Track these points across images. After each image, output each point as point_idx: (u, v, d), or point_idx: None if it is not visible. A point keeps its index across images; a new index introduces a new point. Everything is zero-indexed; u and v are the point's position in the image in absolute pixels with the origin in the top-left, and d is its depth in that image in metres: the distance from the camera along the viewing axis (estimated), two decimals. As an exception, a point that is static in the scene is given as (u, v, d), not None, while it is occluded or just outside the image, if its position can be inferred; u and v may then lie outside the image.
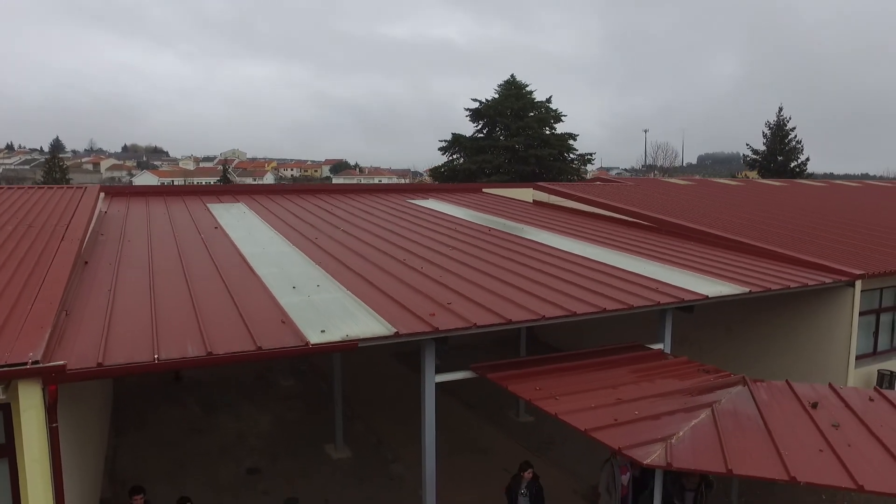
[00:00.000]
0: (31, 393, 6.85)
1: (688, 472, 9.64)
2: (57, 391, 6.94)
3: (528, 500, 9.66)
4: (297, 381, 18.23)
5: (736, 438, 7.19)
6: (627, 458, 6.81)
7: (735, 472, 6.43)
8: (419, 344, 9.32)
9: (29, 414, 6.88)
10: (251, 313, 9.05)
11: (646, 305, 10.30)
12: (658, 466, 6.60)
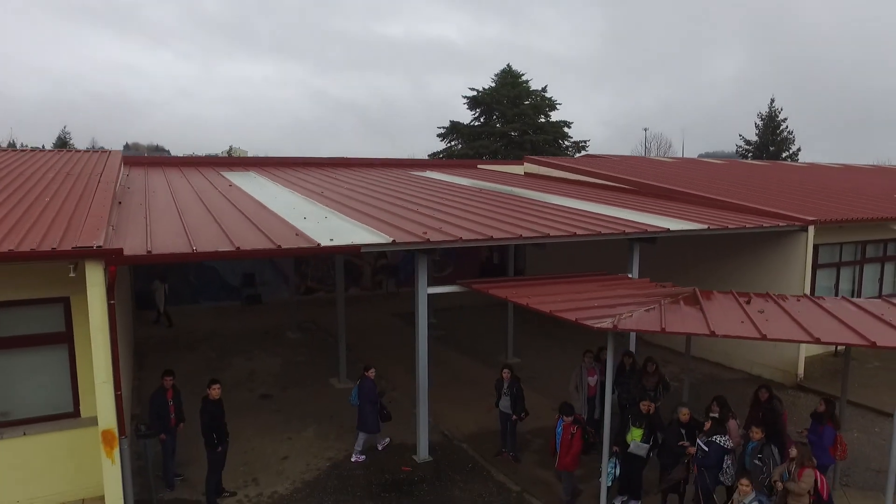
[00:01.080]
0: (96, 272, 8.37)
1: (646, 374, 11.19)
2: (115, 272, 8.47)
3: (509, 399, 11.14)
4: (304, 334, 19.72)
5: (674, 315, 8.69)
6: (583, 325, 8.26)
7: (667, 330, 7.91)
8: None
9: (94, 290, 8.41)
10: (269, 228, 10.59)
11: (612, 233, 11.79)
12: (605, 329, 8.07)
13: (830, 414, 9.29)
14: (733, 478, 8.42)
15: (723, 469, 8.49)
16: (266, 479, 10.61)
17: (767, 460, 8.56)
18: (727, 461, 8.50)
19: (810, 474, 8.10)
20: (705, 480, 8.56)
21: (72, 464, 9.68)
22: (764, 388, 9.82)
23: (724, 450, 8.49)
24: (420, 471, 10.96)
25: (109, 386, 8.63)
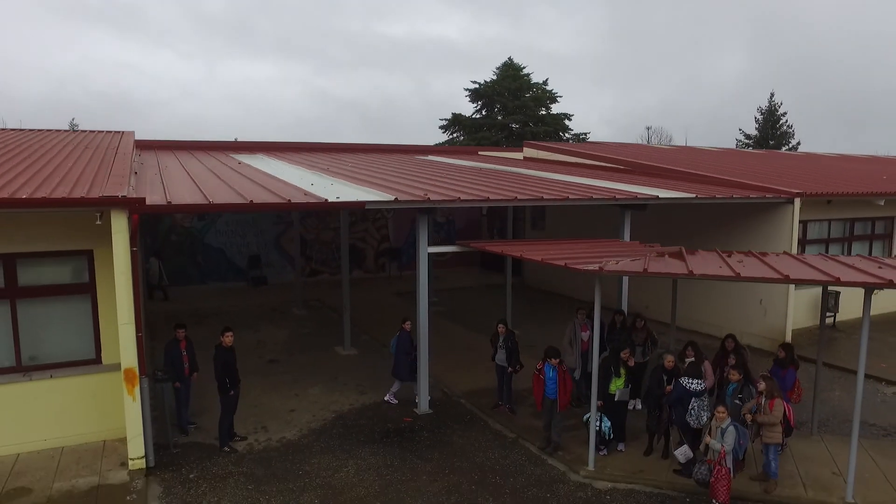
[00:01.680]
0: (120, 220, 9.03)
1: (635, 330, 11.81)
2: (138, 220, 9.13)
3: (504, 352, 11.77)
4: (310, 311, 20.36)
5: (658, 263, 9.31)
6: (571, 269, 8.89)
7: (649, 271, 8.53)
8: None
9: (118, 237, 9.07)
10: (279, 190, 11.25)
11: (603, 198, 12.42)
12: (592, 271, 8.69)
13: (791, 358, 9.90)
14: (699, 419, 8.97)
15: (688, 410, 9.00)
16: (275, 427, 11.25)
17: (747, 399, 9.16)
18: (693, 403, 8.99)
19: (779, 404, 8.73)
20: (682, 419, 9.17)
21: (94, 407, 10.34)
22: (730, 338, 10.46)
23: (688, 392, 9.02)
24: (420, 421, 11.59)
25: (131, 327, 9.29)
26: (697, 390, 9.04)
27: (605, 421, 9.76)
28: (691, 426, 9.05)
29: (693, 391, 9.01)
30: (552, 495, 9.03)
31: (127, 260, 9.15)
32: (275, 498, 8.88)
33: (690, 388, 9.01)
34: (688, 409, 9.01)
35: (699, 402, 9.02)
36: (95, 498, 8.72)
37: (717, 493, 8.22)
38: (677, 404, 9.14)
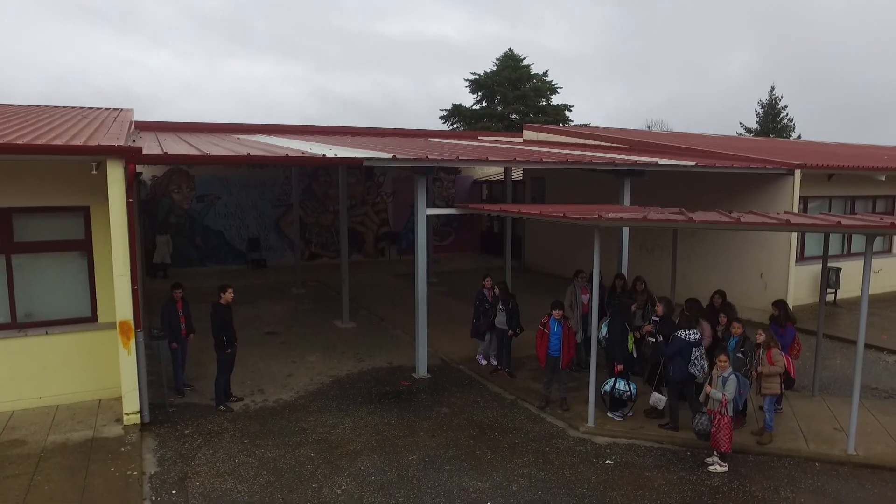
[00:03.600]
0: (116, 169, 8.95)
1: (635, 292, 11.73)
2: (134, 170, 9.06)
3: (505, 314, 11.68)
4: (308, 290, 20.29)
5: (657, 215, 9.24)
6: (570, 219, 8.81)
7: (648, 218, 8.47)
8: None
9: (114, 186, 8.98)
10: (276, 151, 11.17)
11: (603, 163, 12.35)
12: (591, 220, 8.61)
13: (786, 314, 9.79)
14: (703, 369, 8.92)
15: (691, 361, 8.94)
16: (271, 390, 11.17)
17: (749, 352, 9.07)
18: (695, 353, 8.92)
19: (778, 354, 8.63)
20: (670, 372, 9.16)
21: (89, 365, 10.26)
22: (717, 294, 10.39)
23: (688, 343, 8.95)
24: (418, 385, 11.51)
25: (126, 279, 9.22)
26: (696, 339, 8.98)
27: (619, 382, 9.64)
28: (697, 377, 8.98)
29: (692, 341, 8.94)
30: (551, 449, 8.95)
31: (123, 211, 9.07)
32: (270, 451, 8.81)
33: (690, 339, 8.94)
34: (690, 360, 8.91)
35: (699, 351, 8.94)
36: (89, 449, 8.63)
37: (718, 443, 8.13)
38: (676, 357, 9.05)
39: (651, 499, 7.61)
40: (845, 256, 17.95)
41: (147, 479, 7.99)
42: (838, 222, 7.83)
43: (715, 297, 10.36)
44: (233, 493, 7.70)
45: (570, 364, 10.22)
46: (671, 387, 9.24)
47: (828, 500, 7.60)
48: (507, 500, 7.56)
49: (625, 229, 13.16)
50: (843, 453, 8.57)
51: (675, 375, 9.16)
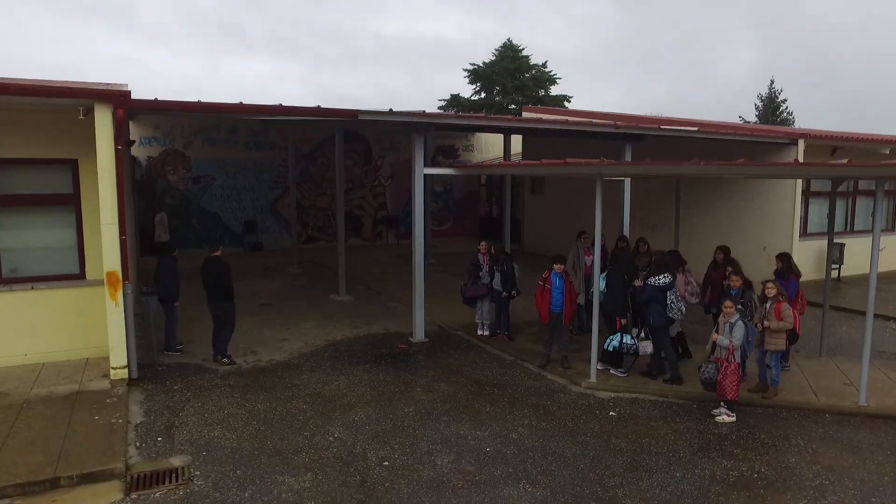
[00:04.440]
0: (104, 114, 8.68)
1: (638, 254, 11.46)
2: (123, 115, 8.77)
3: (500, 276, 11.39)
4: (305, 269, 19.99)
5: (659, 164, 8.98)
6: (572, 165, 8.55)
7: (651, 164, 8.20)
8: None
9: (102, 132, 8.71)
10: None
11: (603, 124, 12.10)
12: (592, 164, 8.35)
13: (789, 266, 9.53)
14: (681, 312, 9.04)
15: (668, 305, 8.91)
16: (264, 352, 10.88)
17: (749, 304, 8.81)
18: (670, 297, 8.91)
19: (787, 308, 8.36)
20: (649, 318, 9.10)
21: (77, 324, 9.96)
22: (719, 250, 10.16)
23: (658, 288, 8.92)
24: (415, 348, 11.23)
25: (115, 228, 8.93)
26: (667, 283, 8.94)
27: (626, 337, 9.37)
28: (676, 319, 9.03)
29: (663, 285, 8.91)
30: (552, 402, 8.67)
31: (111, 157, 8.79)
32: (261, 404, 8.52)
33: (660, 284, 8.91)
34: (666, 304, 8.87)
35: (673, 294, 8.95)
36: (73, 401, 8.33)
37: (724, 390, 7.85)
38: (651, 304, 8.96)
39: (657, 446, 7.33)
40: (849, 234, 17.70)
41: (133, 428, 7.71)
42: (848, 161, 7.57)
43: (717, 252, 10.12)
44: (221, 440, 7.42)
45: (572, 320, 9.95)
46: (654, 335, 9.09)
47: (840, 447, 7.32)
48: (507, 447, 7.27)
49: (626, 195, 12.92)
50: (853, 405, 8.30)
51: (654, 322, 9.03)
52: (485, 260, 11.56)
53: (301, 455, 7.05)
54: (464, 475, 6.62)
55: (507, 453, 7.13)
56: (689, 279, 9.83)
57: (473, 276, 11.58)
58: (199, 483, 6.44)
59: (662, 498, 6.18)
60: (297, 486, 6.40)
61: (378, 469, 6.75)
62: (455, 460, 6.95)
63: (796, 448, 7.29)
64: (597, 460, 6.98)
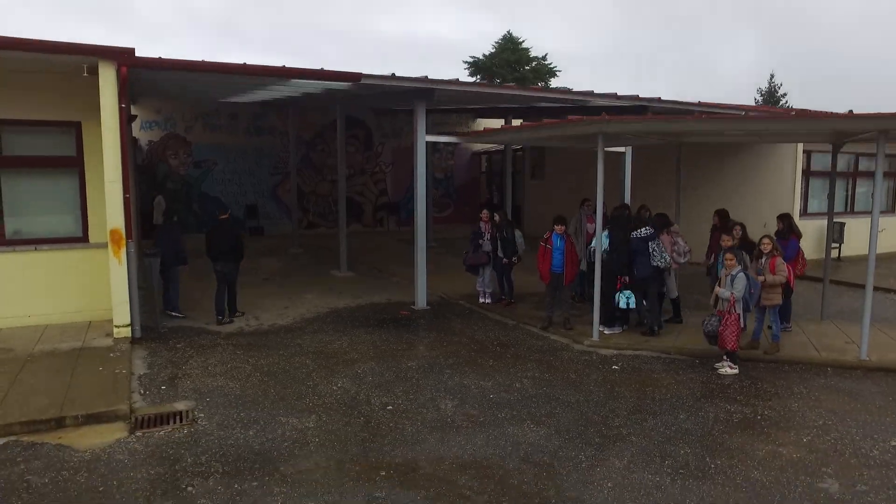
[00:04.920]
0: (108, 72, 8.71)
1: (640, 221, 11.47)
2: (127, 73, 8.80)
3: (500, 242, 11.41)
4: (306, 250, 20.01)
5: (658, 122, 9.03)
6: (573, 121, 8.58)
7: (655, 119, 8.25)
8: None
9: (106, 90, 8.74)
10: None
11: (604, 95, 12.11)
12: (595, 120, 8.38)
13: (790, 226, 9.56)
14: (664, 260, 9.25)
15: (650, 255, 9.19)
16: (266, 317, 10.90)
17: (738, 262, 8.80)
18: (652, 246, 9.20)
19: (781, 263, 8.38)
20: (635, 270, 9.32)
21: (80, 286, 9.99)
22: (715, 213, 10.21)
23: (641, 239, 9.26)
24: (417, 314, 11.25)
25: (118, 185, 8.96)
26: (650, 234, 9.27)
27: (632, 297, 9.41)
28: (661, 267, 9.25)
29: (645, 236, 9.23)
30: (555, 358, 8.69)
31: (115, 115, 8.82)
32: (264, 359, 8.54)
33: (641, 235, 9.25)
34: (649, 254, 9.15)
35: (655, 244, 9.20)
36: (77, 355, 8.35)
37: (725, 341, 7.88)
38: (637, 255, 9.20)
39: (660, 393, 7.35)
40: (849, 214, 17.75)
41: (136, 378, 7.73)
42: (850, 111, 7.60)
43: (714, 216, 10.19)
44: (224, 388, 7.44)
45: (573, 280, 9.98)
46: (642, 285, 9.32)
47: (842, 394, 7.34)
48: (510, 395, 7.30)
49: (627, 168, 12.96)
50: (855, 359, 8.33)
51: (640, 273, 9.23)
52: (486, 228, 11.60)
53: (304, 401, 7.07)
54: (468, 417, 6.65)
55: (511, 399, 7.15)
56: (675, 239, 9.93)
57: (475, 244, 11.61)
58: (204, 423, 6.46)
59: (667, 435, 6.21)
60: (301, 425, 6.42)
61: (382, 412, 6.77)
62: (459, 405, 6.97)
63: (799, 395, 7.31)
64: (600, 405, 7.00)
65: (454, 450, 5.90)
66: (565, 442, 6.06)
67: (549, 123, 9.18)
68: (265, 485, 5.25)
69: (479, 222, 11.71)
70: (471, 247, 11.70)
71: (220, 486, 5.22)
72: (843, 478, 5.39)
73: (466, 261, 11.78)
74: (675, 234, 10.03)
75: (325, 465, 5.60)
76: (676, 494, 5.11)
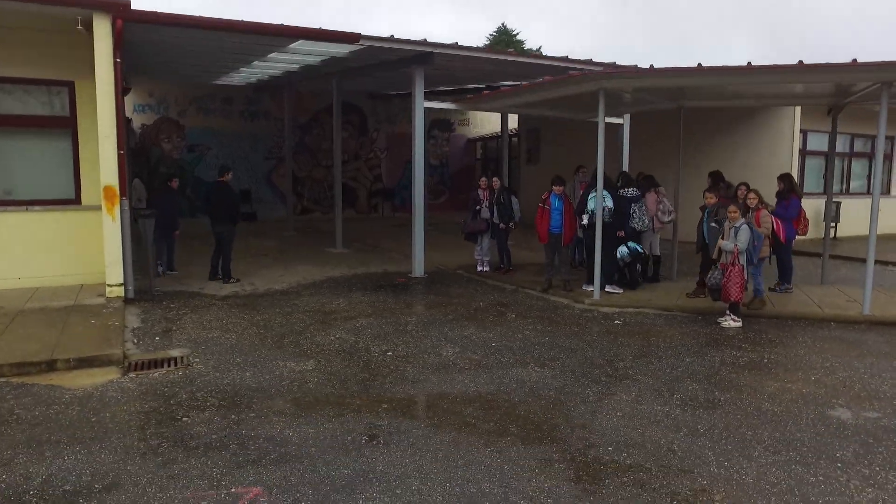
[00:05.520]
0: (103, 25, 8.54)
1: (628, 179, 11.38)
2: (122, 27, 8.63)
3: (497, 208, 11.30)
4: (299, 232, 19.82)
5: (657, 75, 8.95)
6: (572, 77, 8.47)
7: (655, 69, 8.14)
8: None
9: (100, 43, 8.57)
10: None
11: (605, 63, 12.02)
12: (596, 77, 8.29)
13: (791, 186, 9.48)
14: (642, 222, 9.47)
15: (629, 216, 9.33)
16: (262, 284, 10.72)
17: (723, 220, 8.73)
18: (633, 208, 9.37)
19: (766, 215, 8.30)
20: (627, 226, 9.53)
21: (72, 248, 9.79)
22: (710, 176, 10.16)
23: (626, 199, 9.50)
24: (414, 281, 11.12)
25: (112, 141, 8.79)
26: (635, 195, 9.50)
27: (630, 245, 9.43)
28: (637, 229, 9.44)
29: (631, 196, 9.45)
30: (557, 315, 8.58)
31: (109, 70, 8.65)
32: (261, 316, 8.39)
33: (627, 195, 9.44)
34: (629, 214, 9.33)
35: (639, 207, 9.37)
36: (69, 311, 8.18)
37: (728, 292, 7.78)
38: (618, 215, 9.37)
39: (665, 343, 7.25)
40: (845, 195, 17.76)
41: (129, 330, 7.57)
42: (854, 60, 7.53)
43: (708, 179, 10.14)
44: (220, 339, 7.29)
45: (571, 241, 9.88)
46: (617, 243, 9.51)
47: (847, 344, 7.26)
48: (513, 343, 7.18)
49: (625, 138, 12.89)
50: (858, 314, 8.26)
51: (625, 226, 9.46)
52: (485, 195, 11.48)
53: (302, 348, 6.94)
54: (470, 361, 6.52)
55: (514, 347, 7.03)
56: (661, 199, 10.02)
57: (473, 211, 11.49)
58: (199, 367, 6.31)
59: (673, 375, 6.10)
60: (300, 368, 6.28)
61: (382, 357, 6.64)
62: (460, 352, 6.85)
63: (804, 344, 7.23)
64: (605, 351, 6.90)
65: (457, 387, 5.77)
66: (571, 381, 5.95)
67: (548, 81, 9.08)
68: (263, 415, 5.11)
69: (478, 189, 11.58)
70: (469, 214, 11.58)
71: (217, 417, 5.07)
72: (854, 407, 5.30)
73: (465, 228, 11.66)
74: (662, 195, 10.08)
75: (325, 399, 5.46)
76: (688, 420, 5.00)
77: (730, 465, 4.29)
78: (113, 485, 4.00)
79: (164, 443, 4.60)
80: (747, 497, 3.87)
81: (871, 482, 4.06)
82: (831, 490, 3.96)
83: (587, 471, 4.21)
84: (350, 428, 4.86)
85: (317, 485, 3.99)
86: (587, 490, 3.95)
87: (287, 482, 4.02)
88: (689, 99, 10.43)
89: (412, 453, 4.43)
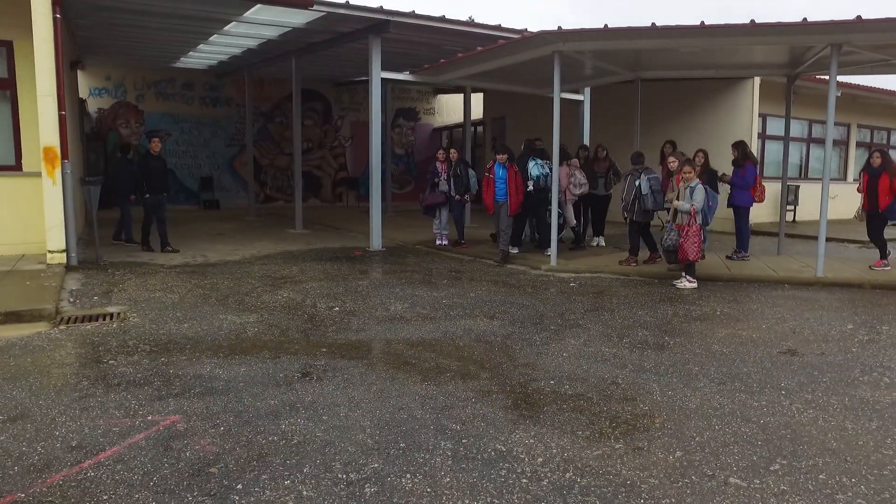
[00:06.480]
0: (39, -24, 8.20)
1: (597, 160, 11.35)
2: (61, -21, 8.29)
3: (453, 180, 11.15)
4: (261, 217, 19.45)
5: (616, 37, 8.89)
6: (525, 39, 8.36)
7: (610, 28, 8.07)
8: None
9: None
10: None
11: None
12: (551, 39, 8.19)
13: (745, 153, 9.48)
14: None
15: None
16: (215, 256, 10.41)
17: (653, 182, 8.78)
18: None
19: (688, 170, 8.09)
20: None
21: (12, 217, 9.40)
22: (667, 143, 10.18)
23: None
24: (371, 254, 10.91)
25: (52, 100, 8.42)
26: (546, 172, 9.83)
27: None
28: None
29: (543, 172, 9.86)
30: (512, 279, 8.45)
31: (48, 25, 8.29)
32: (208, 280, 8.10)
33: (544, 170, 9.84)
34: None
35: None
36: (4, 276, 7.80)
37: (687, 252, 7.71)
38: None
39: (618, 300, 7.16)
40: (803, 179, 18.00)
41: (67, 292, 7.24)
42: (804, 19, 7.53)
43: (665, 146, 10.17)
44: (161, 299, 7.00)
45: (517, 210, 9.71)
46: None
47: (799, 301, 7.25)
48: (464, 300, 7.02)
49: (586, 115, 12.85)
50: (812, 276, 8.27)
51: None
52: (443, 168, 11.32)
53: (246, 305, 6.70)
54: (419, 315, 6.35)
55: (465, 303, 6.88)
56: (572, 171, 10.03)
57: (431, 184, 11.32)
58: (135, 320, 6.03)
59: (624, 325, 6.00)
60: (241, 321, 6.04)
61: (327, 312, 6.44)
62: (409, 307, 6.67)
63: (758, 300, 7.20)
64: (557, 306, 6.78)
65: (402, 334, 5.60)
66: (520, 329, 5.81)
67: (503, 44, 8.96)
68: (194, 357, 4.87)
69: (435, 162, 11.41)
70: (427, 187, 11.41)
71: (146, 360, 4.82)
72: (803, 347, 5.25)
73: (423, 202, 11.49)
74: (574, 167, 10.15)
75: (262, 345, 5.24)
76: (635, 360, 4.89)
77: (673, 394, 4.18)
78: (20, 416, 3.74)
79: (84, 381, 4.34)
80: (688, 419, 3.76)
81: (813, 405, 3.98)
82: (773, 412, 3.87)
83: (526, 400, 4.06)
84: (284, 367, 4.65)
85: (239, 413, 3.78)
86: (524, 415, 3.80)
87: (208, 411, 3.80)
88: (645, 69, 10.40)
89: (345, 387, 4.24)
